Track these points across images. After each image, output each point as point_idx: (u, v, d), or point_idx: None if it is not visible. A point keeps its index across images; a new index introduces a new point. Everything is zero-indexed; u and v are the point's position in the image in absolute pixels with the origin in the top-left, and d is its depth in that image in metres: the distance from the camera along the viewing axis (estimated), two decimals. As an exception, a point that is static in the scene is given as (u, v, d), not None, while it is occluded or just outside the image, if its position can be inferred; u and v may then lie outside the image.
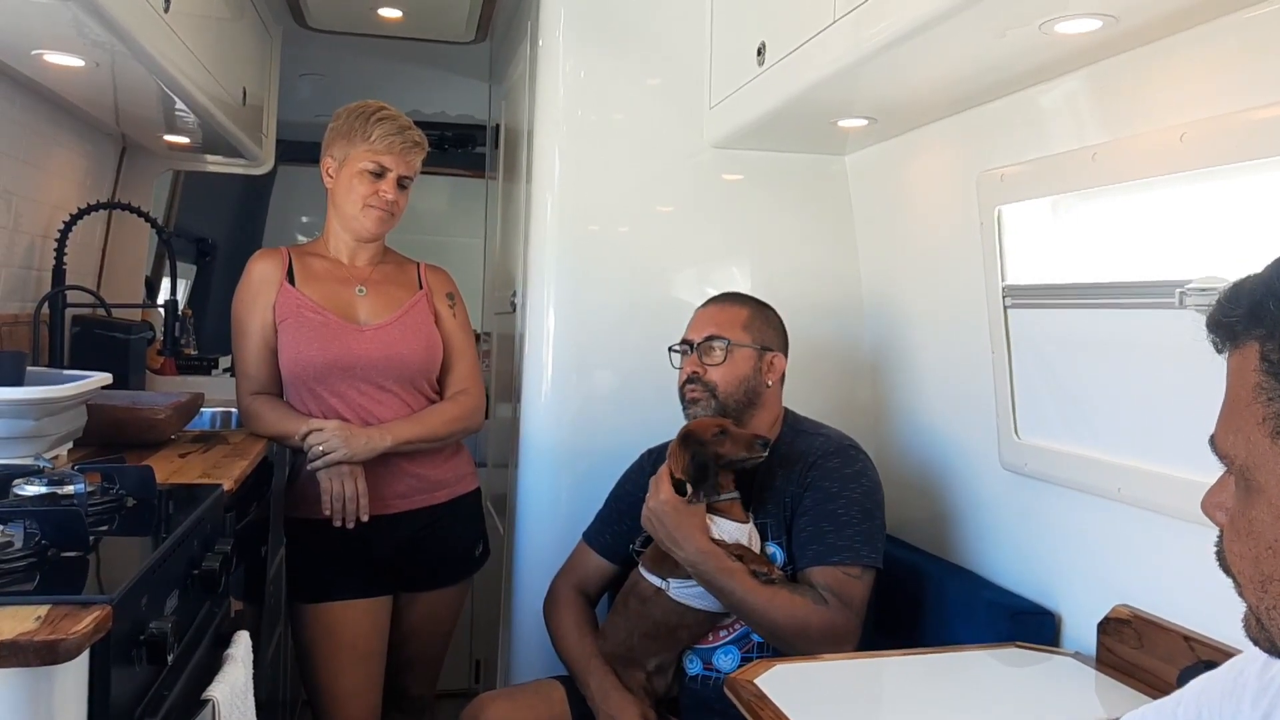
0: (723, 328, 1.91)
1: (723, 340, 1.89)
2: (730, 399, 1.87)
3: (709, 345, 1.90)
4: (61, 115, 2.38)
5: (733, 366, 1.88)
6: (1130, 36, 1.40)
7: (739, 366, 1.88)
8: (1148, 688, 1.45)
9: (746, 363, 1.89)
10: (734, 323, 1.91)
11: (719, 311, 1.94)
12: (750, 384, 1.89)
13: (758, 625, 1.72)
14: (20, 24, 1.68)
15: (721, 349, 1.89)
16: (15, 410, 1.47)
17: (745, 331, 1.91)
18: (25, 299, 2.32)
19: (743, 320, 1.92)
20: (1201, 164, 1.31)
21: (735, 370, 1.88)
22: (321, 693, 2.08)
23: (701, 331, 1.92)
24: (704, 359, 1.89)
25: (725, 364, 1.88)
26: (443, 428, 2.10)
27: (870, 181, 2.36)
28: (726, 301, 1.97)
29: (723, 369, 1.88)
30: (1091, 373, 1.60)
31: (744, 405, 1.88)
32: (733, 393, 1.87)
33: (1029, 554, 1.81)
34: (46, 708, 0.92)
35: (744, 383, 1.88)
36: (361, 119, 2.04)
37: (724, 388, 1.87)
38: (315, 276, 2.10)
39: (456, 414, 2.13)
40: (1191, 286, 1.33)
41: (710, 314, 1.95)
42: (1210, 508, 0.79)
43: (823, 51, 1.67)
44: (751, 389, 1.89)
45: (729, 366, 1.88)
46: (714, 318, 1.93)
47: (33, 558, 1.11)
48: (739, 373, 1.88)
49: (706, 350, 1.90)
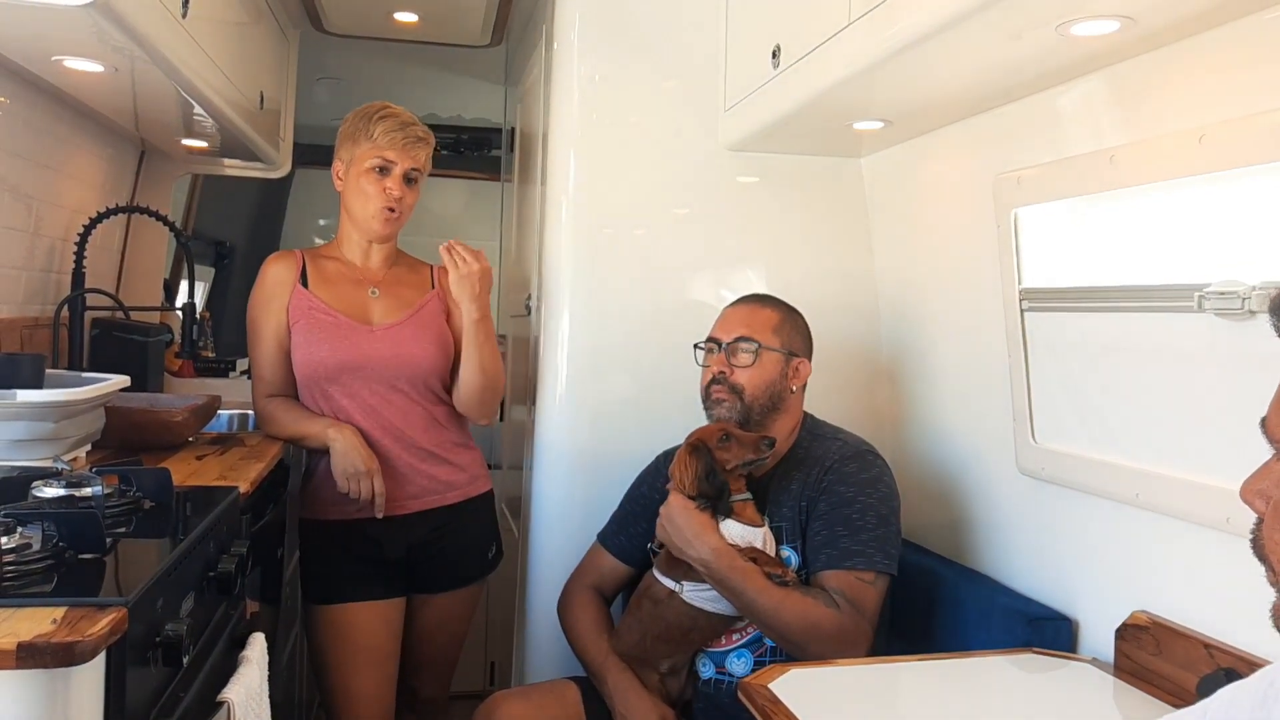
0: (753, 330, 1.89)
1: (753, 343, 1.87)
2: (756, 403, 1.85)
3: (738, 347, 1.87)
4: (81, 120, 2.40)
5: (761, 370, 1.86)
6: (1148, 38, 1.38)
7: (767, 371, 1.87)
8: (1166, 695, 1.44)
9: (774, 367, 1.87)
10: (765, 326, 1.89)
11: (750, 313, 1.92)
12: (776, 389, 1.87)
13: (768, 627, 1.71)
14: (41, 31, 1.70)
15: (751, 352, 1.87)
16: (35, 413, 1.48)
17: (775, 335, 1.89)
18: (45, 302, 2.34)
19: (773, 324, 1.90)
20: (1221, 166, 1.29)
21: (763, 374, 1.86)
22: (335, 694, 2.09)
23: (731, 332, 1.90)
24: (731, 360, 1.88)
25: (754, 367, 1.86)
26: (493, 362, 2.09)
27: (886, 184, 2.35)
28: (757, 303, 1.95)
29: (751, 372, 1.86)
30: (1109, 377, 1.59)
31: (767, 410, 1.87)
32: (759, 396, 1.86)
33: (1046, 559, 1.80)
34: (63, 709, 0.93)
35: (770, 387, 1.87)
36: (365, 119, 2.06)
37: (751, 391, 1.85)
38: (329, 279, 2.11)
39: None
40: (1210, 290, 1.32)
41: (741, 315, 1.92)
42: (1250, 494, 0.78)
43: (838, 54, 1.67)
44: (777, 394, 1.87)
45: (757, 370, 1.86)
46: (745, 319, 1.91)
47: (50, 559, 1.12)
48: (766, 377, 1.86)
49: (735, 351, 1.87)
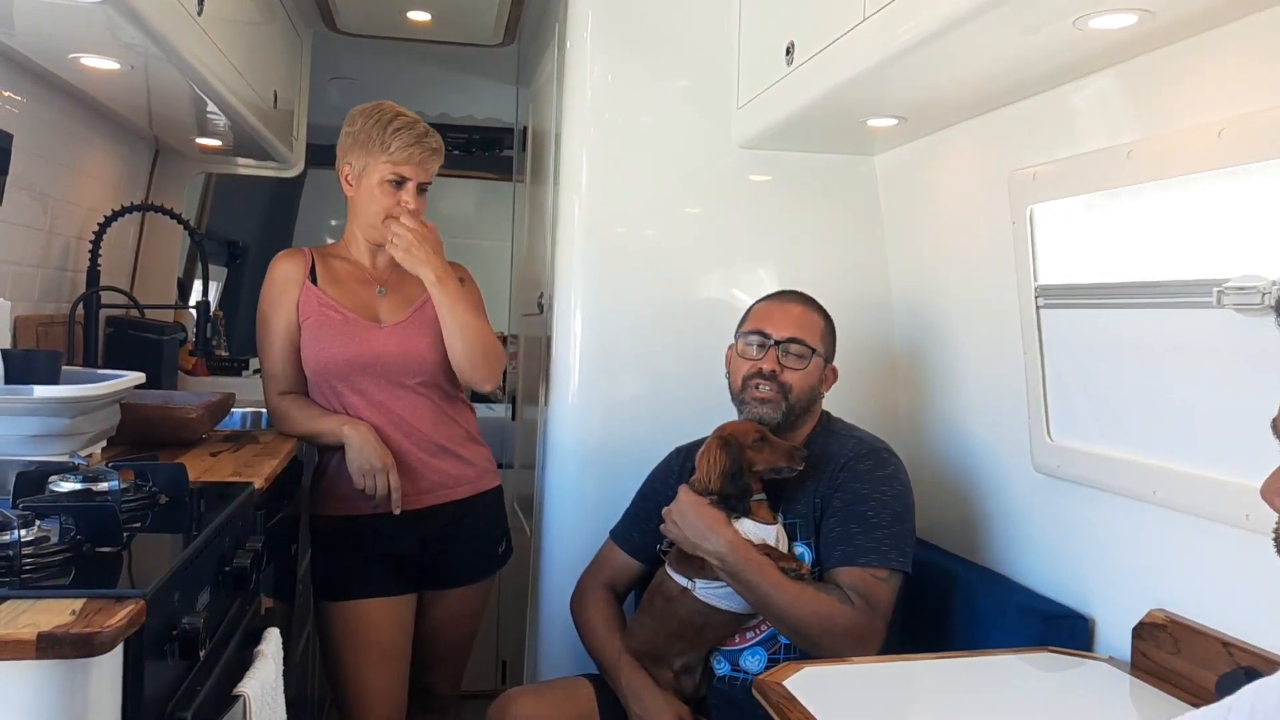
0: (807, 333, 1.87)
1: (808, 348, 1.86)
2: (798, 405, 1.85)
3: (792, 348, 1.86)
4: (97, 119, 2.41)
5: (808, 374, 1.86)
6: (1167, 31, 1.38)
7: (812, 375, 1.87)
8: (1185, 694, 1.43)
9: (817, 372, 1.88)
10: (815, 329, 1.89)
11: (804, 315, 1.90)
12: (815, 393, 1.89)
13: (781, 622, 1.71)
14: (58, 28, 1.71)
15: (805, 355, 1.86)
16: (51, 408, 1.48)
17: (822, 342, 1.89)
18: (61, 300, 2.36)
19: (821, 330, 1.90)
20: (1242, 160, 1.28)
21: (809, 379, 1.87)
22: (347, 690, 2.09)
23: (785, 330, 1.87)
24: (782, 360, 1.86)
25: (805, 371, 1.86)
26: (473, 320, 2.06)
27: (899, 182, 2.35)
28: (806, 304, 1.93)
29: (802, 375, 1.85)
30: (1126, 373, 1.58)
31: (801, 413, 1.87)
32: (801, 399, 1.86)
33: (1062, 557, 1.79)
34: (82, 700, 0.93)
35: (812, 391, 1.88)
36: (379, 127, 2.03)
37: (797, 393, 1.85)
38: (337, 277, 2.11)
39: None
40: (1229, 285, 1.31)
41: (794, 315, 1.90)
42: (1271, 494, 0.78)
43: (852, 50, 1.66)
44: (814, 398, 1.89)
45: (807, 374, 1.86)
46: (799, 320, 1.89)
47: (68, 553, 1.12)
48: (810, 381, 1.87)
49: (787, 352, 1.86)
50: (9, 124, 1.92)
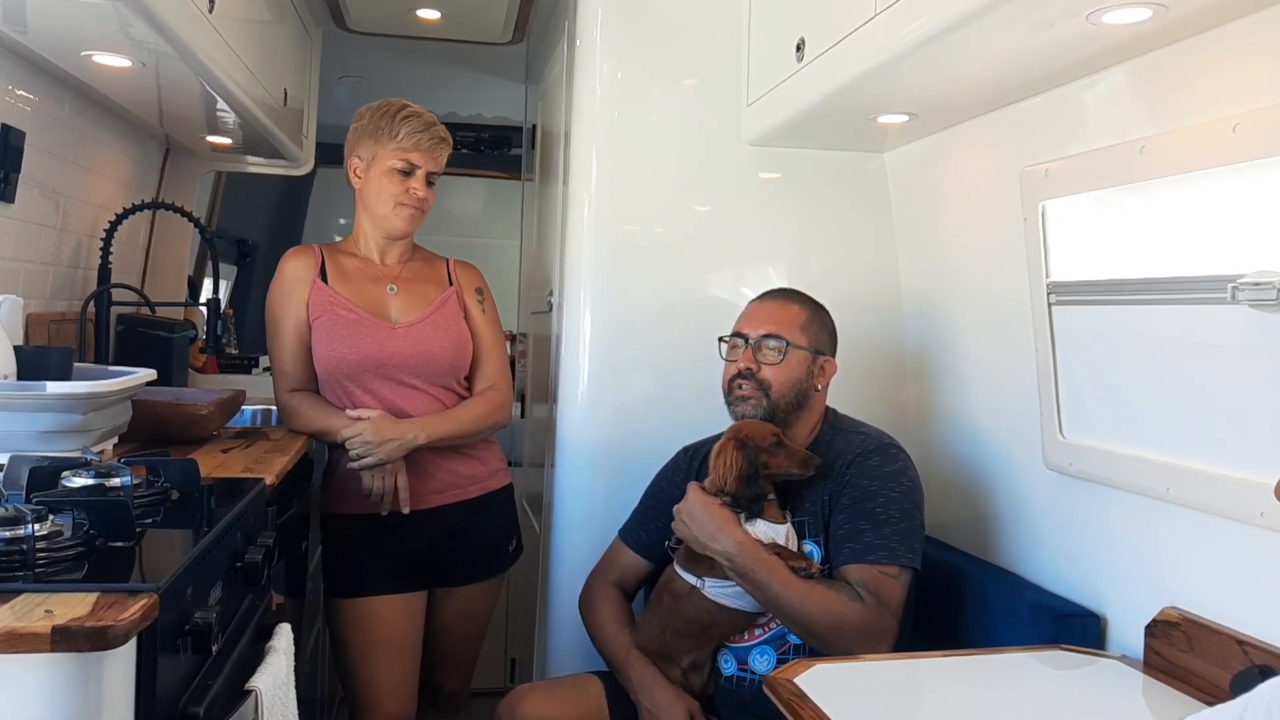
0: (781, 327, 1.88)
1: (781, 340, 1.86)
2: (782, 400, 1.85)
3: (765, 344, 1.86)
4: (108, 117, 2.42)
5: (788, 368, 1.85)
6: (1181, 26, 1.37)
7: (793, 369, 1.86)
8: (1198, 692, 1.42)
9: (800, 365, 1.86)
10: (792, 323, 1.88)
11: (778, 309, 1.91)
12: (802, 387, 1.86)
13: (792, 620, 1.71)
14: (70, 26, 1.72)
15: (779, 349, 1.85)
16: (64, 404, 1.49)
17: (802, 333, 1.88)
18: (72, 297, 2.37)
19: (801, 321, 1.89)
20: (1256, 155, 1.28)
21: (790, 372, 1.85)
22: (357, 688, 2.10)
23: (758, 327, 1.89)
24: (758, 356, 1.86)
25: (781, 365, 1.85)
26: (472, 424, 2.11)
27: (910, 178, 2.34)
28: (785, 299, 1.94)
29: (778, 370, 1.85)
30: (1139, 370, 1.57)
31: (792, 408, 1.86)
32: (785, 394, 1.85)
33: (1074, 555, 1.78)
34: (96, 693, 0.93)
35: (796, 385, 1.86)
36: (387, 118, 2.05)
37: (777, 389, 1.84)
38: (347, 274, 2.12)
39: (485, 410, 2.14)
40: (1244, 281, 1.30)
41: (768, 310, 1.91)
42: None
43: (863, 46, 1.66)
44: (802, 392, 1.86)
45: (784, 368, 1.85)
46: (772, 315, 1.90)
47: (81, 547, 1.13)
48: (793, 375, 1.85)
49: (761, 348, 1.86)
50: (21, 122, 1.93)
